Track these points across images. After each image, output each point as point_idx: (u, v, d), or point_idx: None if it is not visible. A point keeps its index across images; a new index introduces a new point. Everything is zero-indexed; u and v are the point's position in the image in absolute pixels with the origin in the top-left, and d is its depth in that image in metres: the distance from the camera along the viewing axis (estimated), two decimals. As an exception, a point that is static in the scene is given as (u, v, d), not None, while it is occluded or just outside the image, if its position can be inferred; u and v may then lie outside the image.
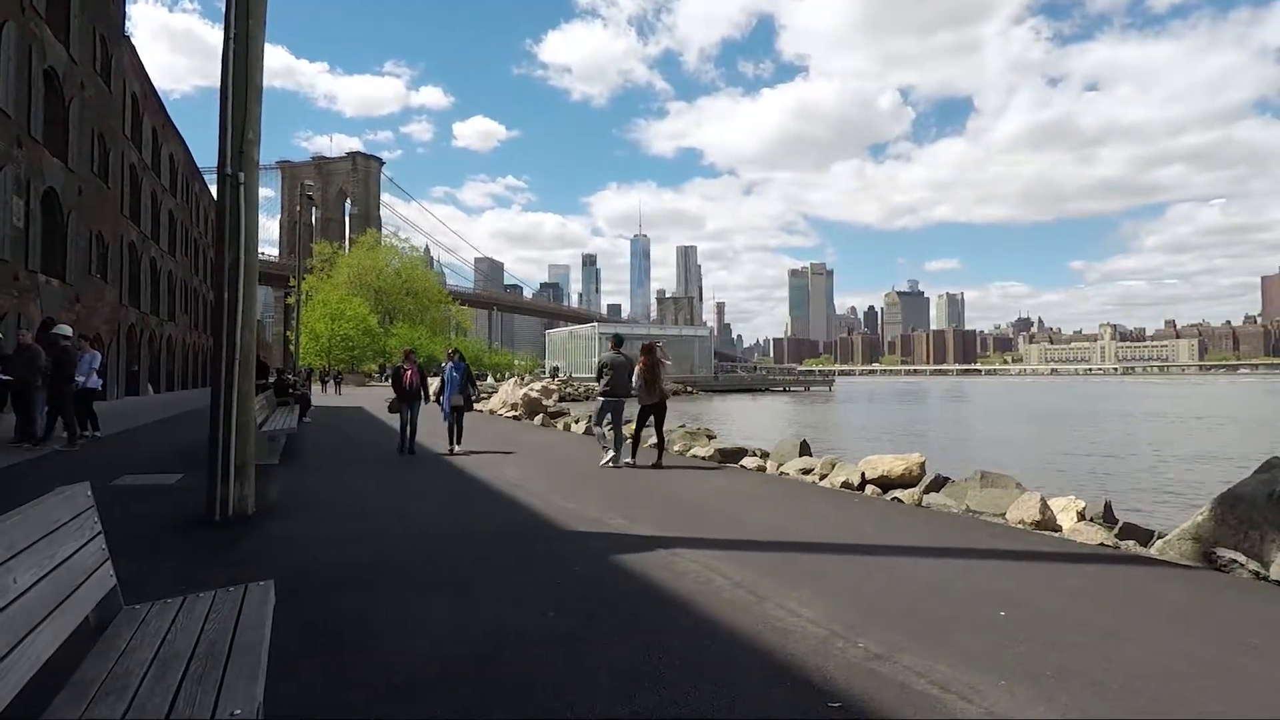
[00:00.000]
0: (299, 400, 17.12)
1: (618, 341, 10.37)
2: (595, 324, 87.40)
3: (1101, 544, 5.65)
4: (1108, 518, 6.40)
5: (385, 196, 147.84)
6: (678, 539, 5.59)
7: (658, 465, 9.80)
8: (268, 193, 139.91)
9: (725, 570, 4.68)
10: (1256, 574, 4.58)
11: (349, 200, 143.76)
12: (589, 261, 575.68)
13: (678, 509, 7.01)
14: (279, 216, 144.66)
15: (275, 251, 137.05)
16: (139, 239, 34.18)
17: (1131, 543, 5.68)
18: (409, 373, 11.51)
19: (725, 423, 32.16)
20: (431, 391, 13.58)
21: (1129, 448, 23.08)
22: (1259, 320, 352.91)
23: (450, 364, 11.82)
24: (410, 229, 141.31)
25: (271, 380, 17.11)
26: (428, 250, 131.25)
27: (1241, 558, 4.69)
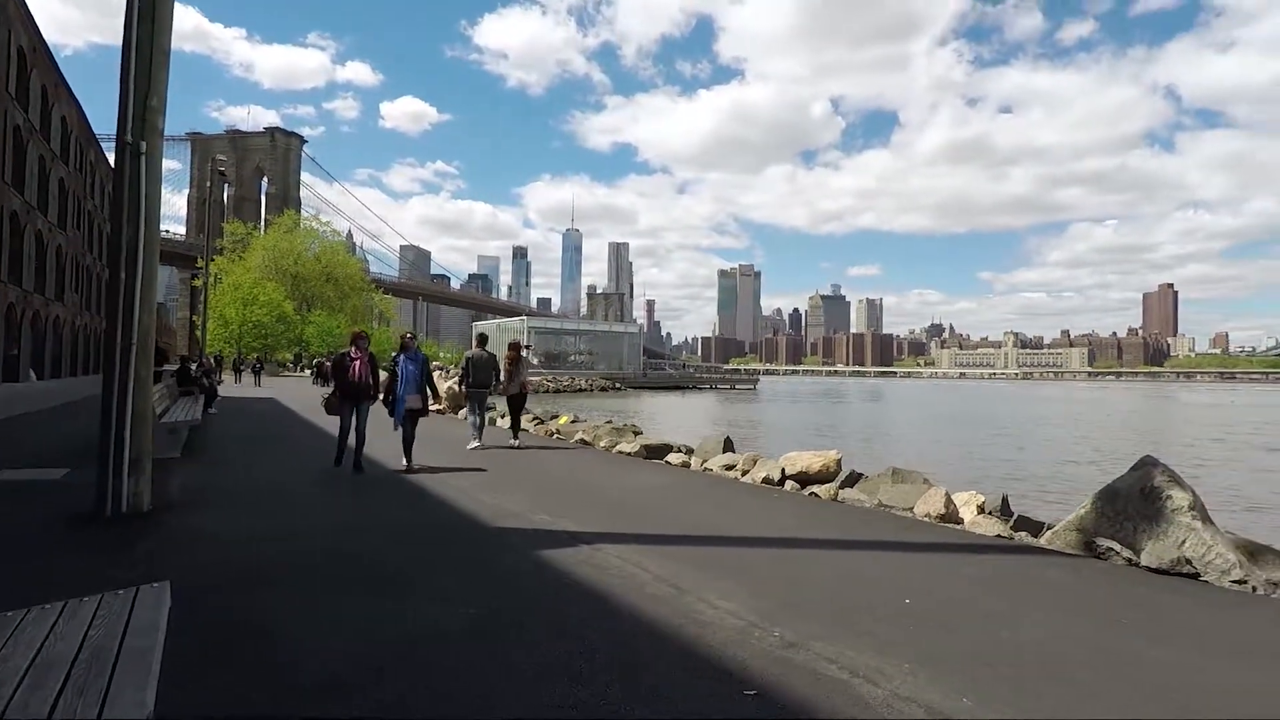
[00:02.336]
0: (204, 390, 16.22)
1: (482, 340, 11.69)
2: (525, 317, 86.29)
3: (998, 535, 6.01)
4: (1004, 511, 6.80)
5: (306, 176, 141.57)
6: (602, 534, 5.60)
7: (514, 446, 11.36)
8: (174, 165, 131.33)
9: (649, 565, 4.72)
10: (1129, 561, 4.98)
11: (266, 178, 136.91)
12: (520, 254, 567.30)
13: (602, 504, 7.02)
14: (187, 191, 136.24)
15: (182, 229, 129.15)
16: (23, 209, 31.49)
17: (1024, 534, 6.07)
18: (357, 363, 8.64)
19: (652, 419, 32.40)
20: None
21: (1025, 446, 24.60)
22: (1140, 333, 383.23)
23: (404, 355, 9.06)
24: (332, 212, 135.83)
25: (175, 368, 16.12)
26: (350, 235, 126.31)
27: (1117, 546, 5.09)
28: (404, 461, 8.87)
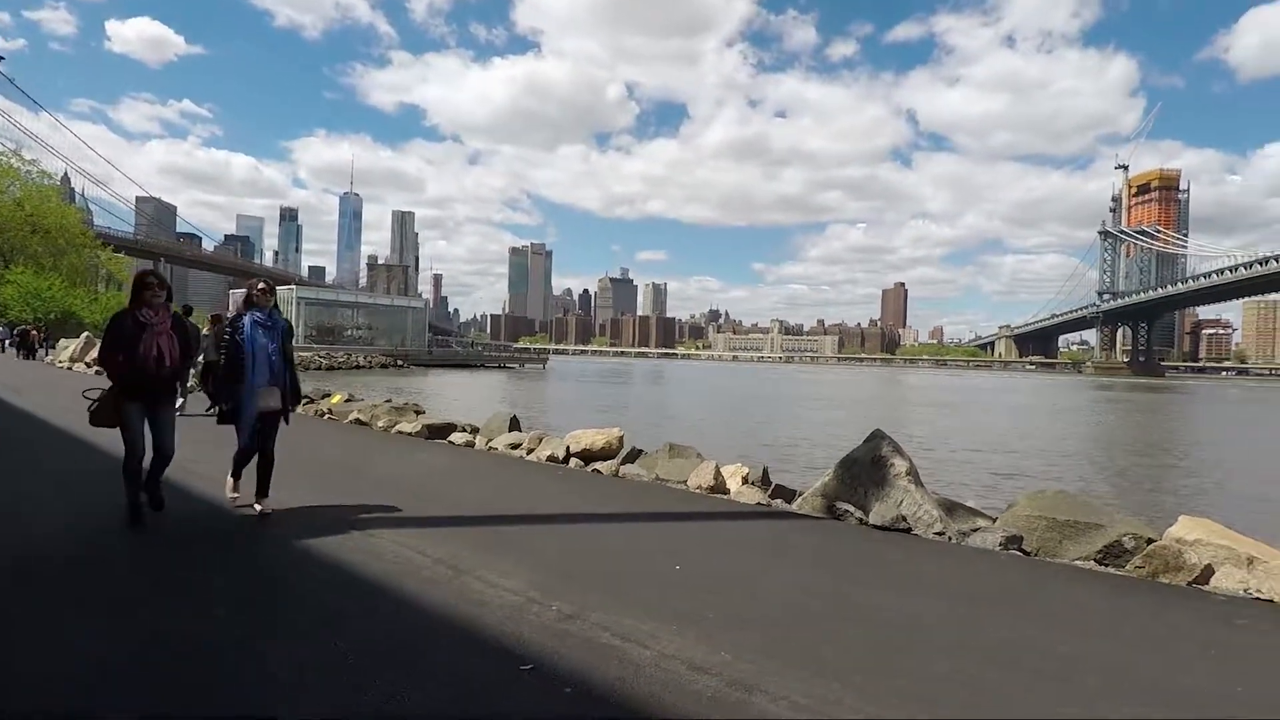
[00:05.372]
0: None
1: (187, 311, 11.61)
2: (294, 286, 78.21)
3: (759, 503, 6.67)
4: (765, 481, 7.56)
5: (1, 100, 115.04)
6: (376, 518, 5.32)
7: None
8: None
9: (425, 548, 4.57)
10: (860, 520, 5.80)
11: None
12: (289, 216, 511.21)
13: (377, 486, 6.65)
14: None
15: None
16: None
17: (780, 501, 6.80)
18: (158, 334, 4.89)
19: (437, 398, 31.28)
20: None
21: (787, 420, 27.54)
22: (878, 324, 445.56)
23: (251, 317, 5.21)
24: (39, 148, 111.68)
25: None
26: (67, 178, 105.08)
27: (852, 508, 5.90)
28: (230, 488, 5.57)
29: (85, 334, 29.55)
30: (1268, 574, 4.43)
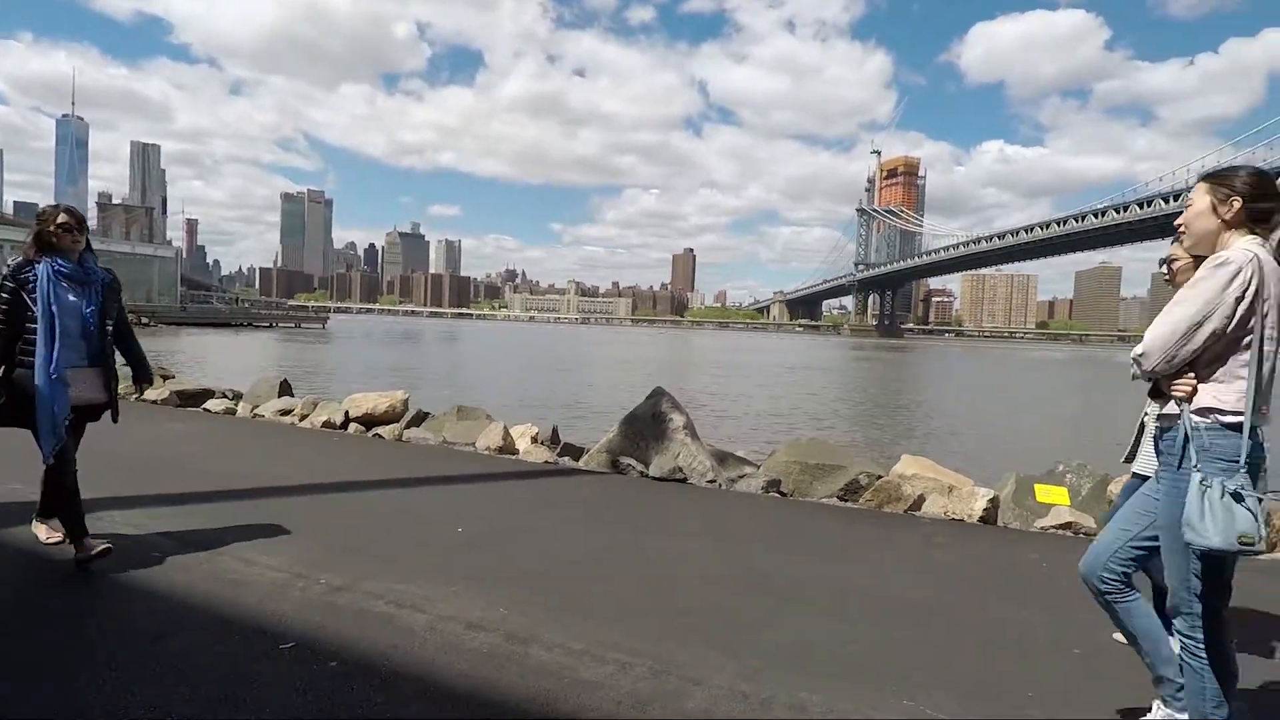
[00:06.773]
0: None
1: None
2: (-10, 227, 63.73)
3: (546, 461, 6.77)
4: (554, 440, 7.68)
5: None
6: (110, 499, 4.59)
7: None
8: None
9: (171, 529, 4.07)
10: (642, 473, 6.14)
11: None
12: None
13: (113, 464, 5.73)
14: None
15: None
16: None
17: (568, 458, 6.97)
18: None
19: (194, 362, 27.70)
20: None
21: (581, 380, 28.14)
22: (669, 287, 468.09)
23: (46, 265, 3.40)
24: None
25: None
26: None
27: (634, 462, 6.22)
28: (40, 527, 3.81)
29: None
30: (960, 499, 5.42)
